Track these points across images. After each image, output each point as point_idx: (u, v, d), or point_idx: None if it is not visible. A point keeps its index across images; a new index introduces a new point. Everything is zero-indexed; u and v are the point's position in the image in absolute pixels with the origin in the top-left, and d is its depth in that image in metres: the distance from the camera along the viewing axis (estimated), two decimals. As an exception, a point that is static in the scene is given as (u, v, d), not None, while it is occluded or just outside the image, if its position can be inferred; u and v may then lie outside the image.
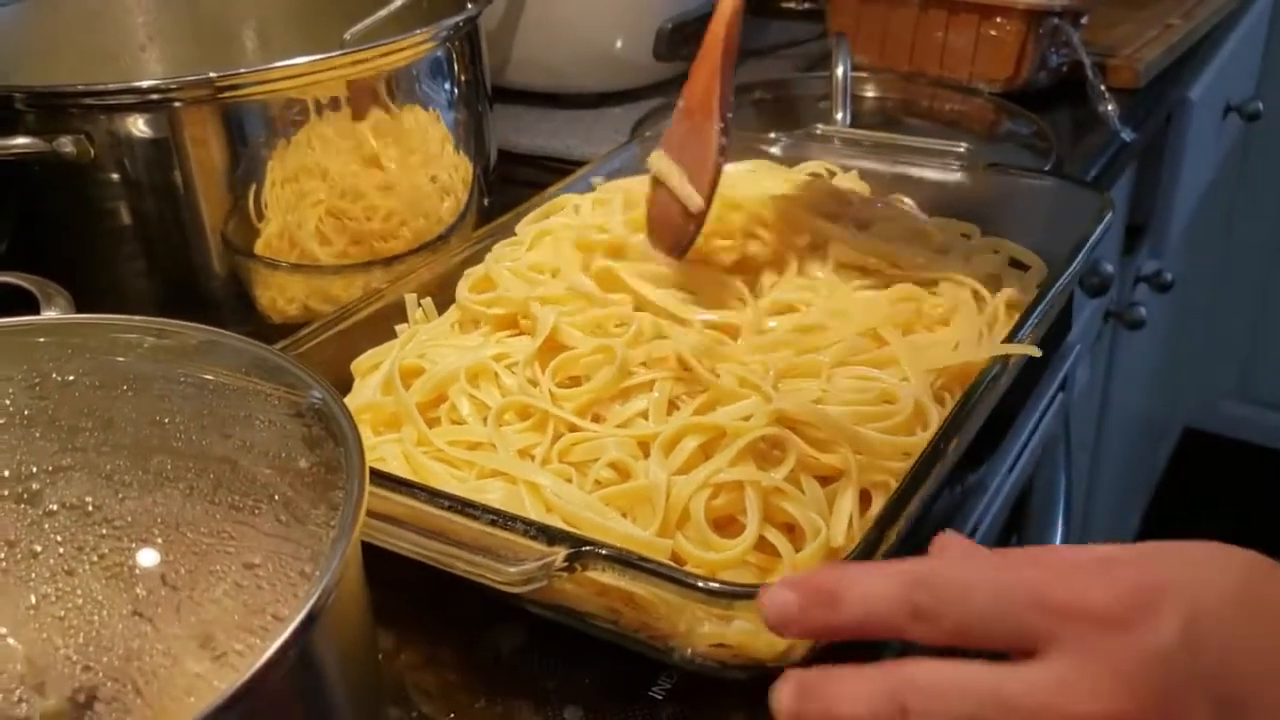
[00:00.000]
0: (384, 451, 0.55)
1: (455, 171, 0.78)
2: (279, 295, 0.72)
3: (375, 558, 0.41)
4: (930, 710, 0.33)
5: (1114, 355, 1.42)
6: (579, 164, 0.99)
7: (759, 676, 0.46)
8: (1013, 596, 0.34)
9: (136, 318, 0.47)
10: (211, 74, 0.64)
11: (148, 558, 0.33)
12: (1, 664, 0.30)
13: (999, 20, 1.06)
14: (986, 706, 0.33)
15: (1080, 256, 0.64)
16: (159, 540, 0.33)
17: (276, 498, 0.36)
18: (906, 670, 0.34)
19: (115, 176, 0.66)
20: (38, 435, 0.36)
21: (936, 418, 0.54)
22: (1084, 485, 1.44)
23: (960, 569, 0.36)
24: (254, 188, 0.69)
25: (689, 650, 0.47)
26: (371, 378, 0.62)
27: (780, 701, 0.35)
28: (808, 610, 0.36)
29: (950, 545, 0.39)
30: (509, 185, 0.90)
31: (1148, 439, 1.94)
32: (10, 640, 0.30)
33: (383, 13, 0.81)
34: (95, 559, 0.32)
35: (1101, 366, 1.38)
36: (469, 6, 0.78)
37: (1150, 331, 1.39)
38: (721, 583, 0.42)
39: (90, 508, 0.34)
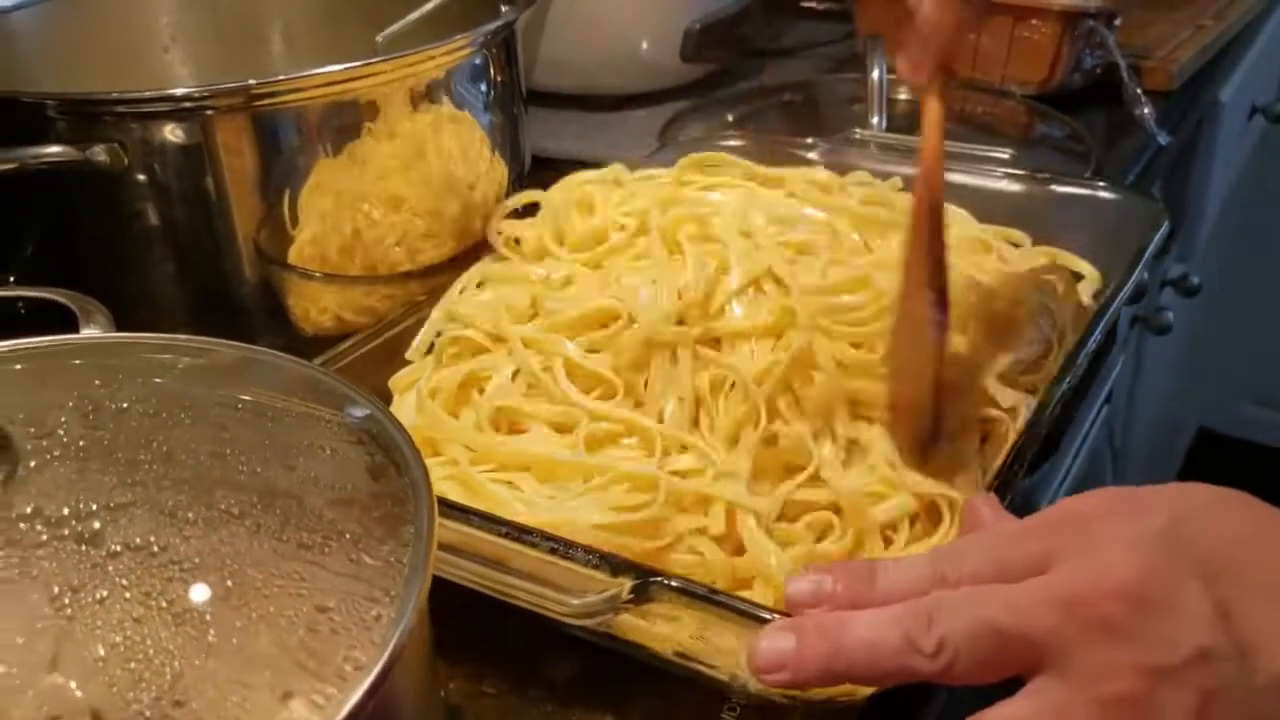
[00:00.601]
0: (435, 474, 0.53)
1: (492, 178, 0.76)
2: (312, 306, 0.70)
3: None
4: (957, 613, 0.36)
5: (1140, 360, 1.40)
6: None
7: (829, 712, 0.45)
8: (1020, 527, 0.39)
9: (180, 336, 0.45)
10: (250, 81, 0.62)
11: (218, 602, 0.31)
12: (70, 718, 0.28)
13: (1034, 22, 1.05)
14: (1004, 610, 0.36)
15: (1139, 268, 0.63)
16: (229, 583, 0.32)
17: (347, 535, 0.34)
18: (929, 596, 0.37)
19: (147, 184, 0.65)
20: (95, 469, 0.35)
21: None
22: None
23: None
24: (287, 196, 0.67)
25: (755, 683, 0.45)
26: (409, 396, 0.61)
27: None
28: (844, 583, 0.39)
29: (980, 510, 0.43)
30: (539, 190, 0.88)
31: (1166, 439, 1.92)
32: (78, 692, 0.28)
33: (414, 15, 0.80)
34: (164, 604, 0.30)
35: (1128, 371, 1.37)
36: (503, 9, 0.76)
37: (1173, 334, 1.37)
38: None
39: (155, 548, 0.32)
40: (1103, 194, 0.74)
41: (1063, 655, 0.35)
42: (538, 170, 0.88)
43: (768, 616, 0.40)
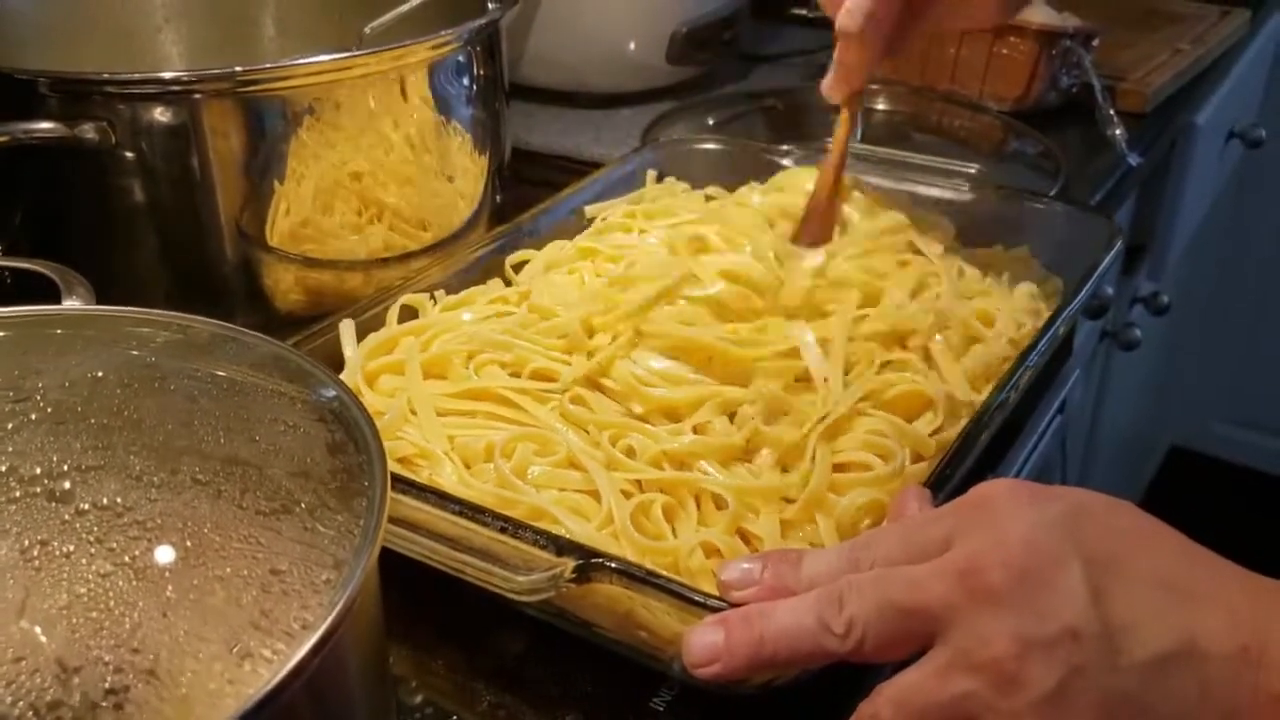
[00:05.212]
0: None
1: (471, 169, 0.78)
2: (290, 287, 0.72)
3: (382, 558, 0.42)
4: (864, 594, 0.39)
5: (1107, 374, 1.43)
6: (589, 164, 1.00)
7: (762, 694, 0.47)
8: (931, 513, 0.42)
9: (159, 312, 0.47)
10: (236, 67, 0.64)
11: (178, 561, 0.33)
12: (33, 661, 0.30)
13: (1012, 39, 1.07)
14: (905, 587, 0.39)
15: (1088, 286, 0.65)
16: (189, 544, 0.34)
17: (302, 505, 0.36)
18: (841, 580, 0.40)
19: (134, 163, 0.67)
20: (68, 432, 0.37)
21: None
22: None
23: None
24: (271, 180, 0.69)
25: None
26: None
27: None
28: (772, 569, 0.42)
29: (907, 501, 0.46)
30: (519, 183, 0.91)
31: (1135, 456, 1.95)
32: (42, 637, 0.31)
33: (404, 8, 0.82)
34: (126, 560, 0.33)
35: (1094, 385, 1.39)
36: (490, 7, 0.78)
37: (1143, 350, 1.40)
38: (731, 604, 0.43)
39: (121, 508, 0.34)
40: (1062, 211, 0.76)
41: (950, 623, 0.38)
42: (517, 163, 0.90)
43: (700, 599, 0.43)
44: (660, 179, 0.85)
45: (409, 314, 0.66)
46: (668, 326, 0.60)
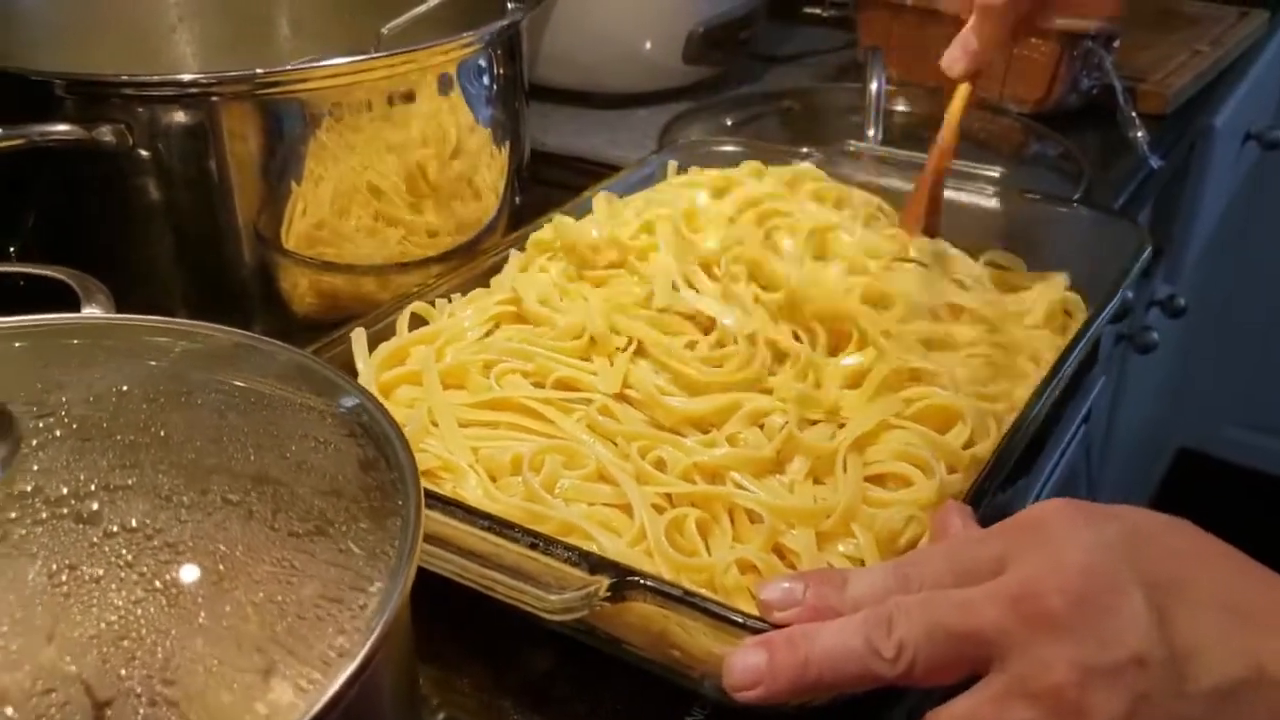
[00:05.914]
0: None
1: (491, 172, 0.77)
2: (308, 292, 0.71)
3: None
4: (914, 617, 0.38)
5: (1123, 377, 1.42)
6: (605, 165, 0.99)
7: (799, 714, 0.46)
8: (981, 533, 0.41)
9: (178, 320, 0.46)
10: (256, 70, 0.63)
11: (210, 586, 0.32)
12: (64, 693, 0.29)
13: (1033, 41, 1.06)
14: (957, 610, 0.38)
15: (1120, 293, 0.64)
16: (220, 568, 0.33)
17: (335, 525, 0.35)
18: (890, 602, 0.39)
19: (152, 166, 0.66)
20: (94, 450, 0.36)
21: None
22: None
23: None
24: (289, 184, 0.68)
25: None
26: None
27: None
28: (815, 589, 0.41)
29: (950, 519, 0.45)
30: (536, 184, 0.90)
31: (1145, 458, 1.94)
32: (72, 667, 0.30)
33: (421, 8, 0.81)
34: (157, 585, 0.32)
35: (1110, 388, 1.38)
36: (510, 7, 0.77)
37: (1158, 353, 1.39)
38: (771, 624, 0.42)
39: (150, 530, 0.33)
40: (1089, 216, 0.75)
41: (1006, 649, 0.36)
42: (533, 164, 0.89)
43: (741, 620, 0.42)
44: (679, 177, 0.83)
45: (420, 321, 0.65)
46: (663, 353, 0.59)
